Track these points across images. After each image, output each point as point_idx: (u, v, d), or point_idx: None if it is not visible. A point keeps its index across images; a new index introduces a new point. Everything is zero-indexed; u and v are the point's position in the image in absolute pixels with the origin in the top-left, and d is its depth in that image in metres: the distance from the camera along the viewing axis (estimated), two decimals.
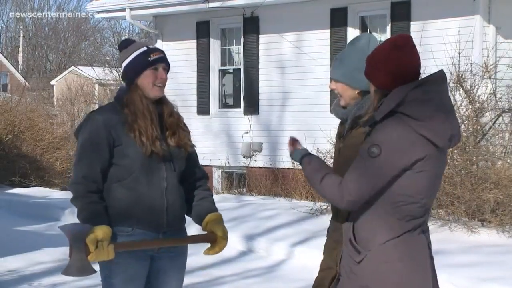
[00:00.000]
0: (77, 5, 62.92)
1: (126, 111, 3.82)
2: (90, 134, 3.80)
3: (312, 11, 13.96)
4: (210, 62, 15.47)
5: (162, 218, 3.86)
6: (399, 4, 13.04)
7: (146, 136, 3.79)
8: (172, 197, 3.87)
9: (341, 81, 3.98)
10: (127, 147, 3.78)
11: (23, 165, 15.76)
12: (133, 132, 3.79)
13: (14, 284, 7.60)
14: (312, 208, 10.75)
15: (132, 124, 3.80)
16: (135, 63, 3.83)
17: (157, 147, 3.80)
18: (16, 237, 10.35)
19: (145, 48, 3.85)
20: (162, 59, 3.87)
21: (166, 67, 3.90)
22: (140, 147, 3.78)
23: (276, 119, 14.56)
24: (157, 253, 3.92)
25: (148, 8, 15.65)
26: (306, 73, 14.13)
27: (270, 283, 7.93)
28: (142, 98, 3.84)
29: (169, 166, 3.87)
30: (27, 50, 51.31)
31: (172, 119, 3.95)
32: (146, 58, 3.82)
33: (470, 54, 11.34)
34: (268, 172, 14.36)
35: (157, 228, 3.86)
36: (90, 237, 3.61)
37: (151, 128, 3.81)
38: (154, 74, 3.84)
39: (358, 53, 3.94)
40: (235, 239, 9.58)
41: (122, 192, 3.82)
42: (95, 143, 3.78)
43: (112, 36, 39.54)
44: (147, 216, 3.83)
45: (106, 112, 3.86)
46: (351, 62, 3.95)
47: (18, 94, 20.36)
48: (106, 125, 3.78)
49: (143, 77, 3.84)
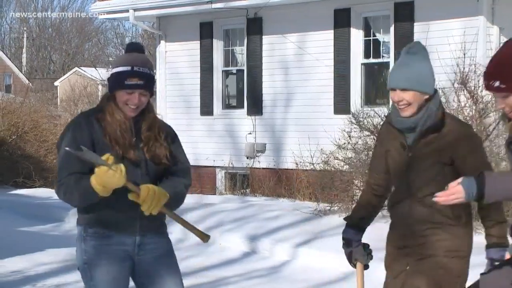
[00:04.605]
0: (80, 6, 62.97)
1: (101, 117, 3.86)
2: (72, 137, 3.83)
3: (315, 12, 13.96)
4: (213, 62, 15.47)
5: (135, 224, 3.90)
6: (403, 5, 13.02)
7: (117, 144, 3.83)
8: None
9: (412, 89, 3.90)
10: (104, 151, 3.81)
11: (26, 166, 15.77)
12: (107, 138, 3.84)
13: (18, 285, 7.61)
14: (315, 209, 10.74)
15: (106, 131, 3.84)
16: (113, 78, 3.85)
17: (131, 154, 3.83)
18: (20, 238, 10.35)
19: (128, 68, 3.80)
20: (139, 86, 3.80)
21: (144, 93, 3.84)
22: (114, 153, 3.80)
23: (279, 119, 14.56)
24: (137, 254, 3.95)
25: (152, 9, 15.65)
26: (309, 74, 14.12)
27: (274, 284, 7.93)
28: (115, 109, 3.86)
29: (144, 172, 3.89)
30: (31, 51, 51.35)
31: (150, 133, 3.91)
32: (123, 80, 3.80)
33: (474, 55, 11.33)
34: (271, 173, 14.35)
35: (132, 233, 3.92)
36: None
37: (122, 136, 3.83)
38: (128, 96, 3.83)
39: (421, 59, 3.92)
40: (238, 240, 9.58)
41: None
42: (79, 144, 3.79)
43: (115, 37, 39.56)
44: (120, 221, 3.88)
45: (88, 116, 3.91)
46: (419, 69, 3.90)
47: (22, 95, 20.35)
48: (87, 125, 3.85)
49: (117, 95, 3.86)
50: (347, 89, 13.67)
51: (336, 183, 10.85)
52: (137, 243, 3.93)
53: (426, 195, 3.96)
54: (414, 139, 3.98)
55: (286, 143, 14.33)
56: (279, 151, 14.49)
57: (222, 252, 9.26)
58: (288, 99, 14.44)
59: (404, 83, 3.90)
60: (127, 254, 3.92)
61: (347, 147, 10.92)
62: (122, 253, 3.90)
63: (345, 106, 13.46)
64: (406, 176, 4.01)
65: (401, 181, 4.05)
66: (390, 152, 4.09)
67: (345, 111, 13.15)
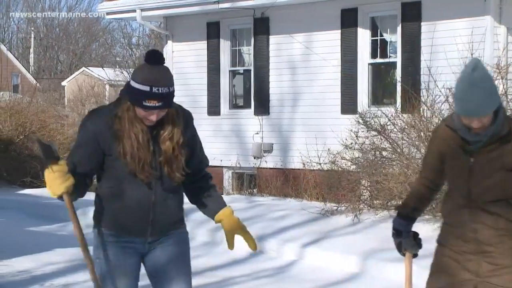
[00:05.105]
0: (88, 6, 63.05)
1: (117, 125, 3.79)
2: (80, 140, 3.85)
3: (322, 12, 13.95)
4: (220, 62, 15.47)
5: (146, 229, 3.91)
6: (410, 5, 13.01)
7: (131, 157, 3.78)
8: (160, 210, 3.89)
9: (491, 112, 3.79)
10: (116, 159, 3.80)
11: (34, 166, 15.80)
12: (120, 149, 3.79)
13: (25, 284, 7.62)
14: (322, 208, 10.73)
15: (119, 141, 3.79)
16: (132, 93, 3.74)
17: (144, 172, 3.79)
18: (27, 237, 10.38)
19: (147, 88, 3.68)
20: (156, 107, 3.71)
21: (162, 111, 3.77)
22: (124, 165, 3.79)
23: (286, 119, 14.56)
24: (147, 251, 3.97)
25: (159, 9, 15.67)
26: (316, 74, 14.12)
27: (281, 284, 7.93)
28: (133, 120, 3.78)
29: (157, 182, 3.86)
30: (38, 51, 51.44)
31: (169, 144, 3.83)
32: (141, 100, 3.70)
33: (482, 55, 11.31)
34: (278, 172, 14.35)
35: (142, 236, 3.93)
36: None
37: (137, 150, 3.77)
38: (145, 113, 3.75)
39: (487, 76, 3.79)
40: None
41: (110, 199, 3.89)
42: (83, 148, 3.82)
43: (122, 37, 39.58)
44: (131, 226, 3.90)
45: (99, 120, 3.82)
46: (490, 87, 3.78)
47: (29, 95, 20.39)
48: (96, 135, 3.80)
49: (137, 109, 3.77)
50: (354, 89, 13.66)
51: (343, 183, 10.85)
52: (148, 242, 3.96)
53: (488, 201, 3.89)
54: (479, 146, 3.89)
55: (293, 143, 14.33)
56: (286, 151, 14.49)
57: (229, 252, 9.26)
58: (295, 99, 14.44)
59: (485, 109, 3.77)
60: (136, 251, 3.95)
61: (354, 147, 10.91)
62: (131, 249, 3.93)
63: (352, 106, 13.46)
64: (467, 182, 3.93)
65: (460, 187, 3.96)
66: (448, 156, 3.99)
67: (352, 111, 13.14)
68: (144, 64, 3.77)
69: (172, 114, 3.86)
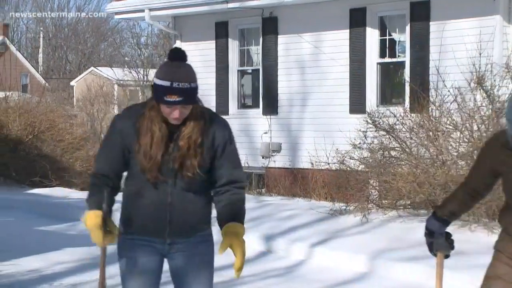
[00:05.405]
0: (96, 6, 63.17)
1: (139, 123, 3.84)
2: (108, 136, 3.94)
3: (331, 11, 13.95)
4: (229, 62, 15.49)
5: (164, 230, 3.91)
6: (419, 4, 12.99)
7: (143, 155, 3.81)
8: (177, 211, 3.89)
9: None
10: (134, 158, 3.84)
11: (43, 166, 15.83)
12: (137, 147, 3.83)
13: (35, 283, 7.64)
14: (331, 208, 10.73)
15: (138, 140, 3.83)
16: (155, 90, 3.79)
17: (152, 173, 3.81)
18: (37, 237, 10.40)
19: (168, 84, 3.72)
20: (178, 102, 3.73)
21: (185, 106, 3.78)
22: (140, 163, 3.82)
23: (295, 119, 14.56)
24: (168, 252, 3.97)
25: (167, 9, 15.69)
26: (325, 74, 14.11)
27: (289, 284, 7.93)
28: (154, 118, 3.81)
29: (173, 183, 3.87)
30: (47, 51, 51.58)
31: (186, 141, 3.82)
32: (163, 95, 3.73)
33: (491, 54, 11.29)
34: (287, 172, 14.35)
35: (161, 237, 3.94)
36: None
37: (149, 148, 3.80)
38: (168, 110, 3.77)
39: None
40: (254, 240, 9.58)
41: (130, 198, 3.92)
42: (110, 146, 3.91)
43: (131, 37, 39.65)
44: (148, 225, 3.91)
45: (127, 119, 3.89)
46: None
47: (38, 95, 20.42)
48: (121, 132, 3.86)
49: (161, 105, 3.80)
50: (363, 89, 13.65)
51: (352, 182, 10.84)
52: (168, 243, 3.95)
53: None
54: None
55: (302, 142, 14.33)
56: (294, 150, 14.49)
57: None
58: (303, 99, 14.44)
59: None
60: (157, 250, 3.95)
61: (362, 147, 10.90)
62: (151, 248, 3.94)
63: (360, 106, 13.45)
64: None
65: None
66: (504, 171, 3.96)
67: (360, 110, 13.13)
68: (166, 61, 3.85)
69: (196, 113, 3.87)
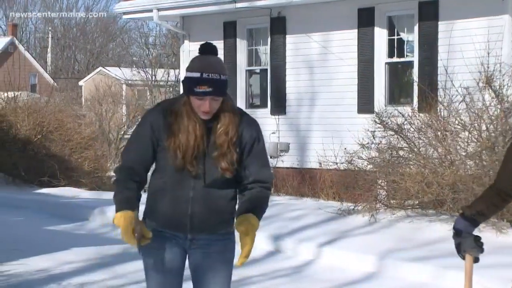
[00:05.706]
0: (105, 6, 63.25)
1: (172, 119, 3.86)
2: (138, 129, 3.97)
3: (339, 11, 13.94)
4: (237, 62, 15.49)
5: (185, 223, 3.93)
6: (427, 4, 12.97)
7: (183, 153, 3.83)
8: (198, 206, 3.90)
9: None
10: (164, 151, 3.86)
11: (51, 165, 15.86)
12: (171, 143, 3.85)
13: (43, 283, 7.65)
14: (339, 208, 10.73)
15: (172, 135, 3.85)
16: (186, 83, 3.84)
17: (193, 167, 3.84)
18: (45, 237, 10.42)
19: (198, 75, 3.78)
20: (208, 93, 3.79)
21: (215, 98, 3.83)
22: (173, 159, 3.84)
23: (303, 119, 14.55)
24: (189, 247, 3.98)
25: (176, 9, 15.71)
26: (333, 73, 14.10)
27: (297, 283, 7.93)
28: (190, 113, 3.86)
29: (198, 179, 3.88)
30: (56, 51, 51.70)
31: (224, 138, 3.87)
32: (193, 87, 3.79)
33: (499, 54, 11.27)
34: (295, 172, 14.35)
35: (183, 231, 3.95)
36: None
37: (193, 143, 3.83)
38: (199, 102, 3.81)
39: None
40: (262, 239, 9.58)
41: (154, 191, 3.95)
42: (140, 138, 3.94)
43: (139, 37, 39.68)
44: (170, 219, 3.93)
45: (158, 112, 3.92)
46: None
47: (47, 95, 20.46)
48: (152, 126, 3.89)
49: (191, 99, 3.84)
50: (371, 89, 13.64)
51: (360, 182, 10.83)
52: (189, 238, 3.97)
53: None
54: None
55: (310, 142, 14.32)
56: (302, 150, 14.49)
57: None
58: (311, 99, 14.44)
59: None
60: (179, 244, 3.97)
61: (370, 147, 10.89)
62: (174, 241, 3.96)
63: (368, 106, 13.43)
64: None
65: None
66: None
67: (368, 110, 13.12)
68: (197, 55, 3.90)
69: (228, 110, 3.94)
